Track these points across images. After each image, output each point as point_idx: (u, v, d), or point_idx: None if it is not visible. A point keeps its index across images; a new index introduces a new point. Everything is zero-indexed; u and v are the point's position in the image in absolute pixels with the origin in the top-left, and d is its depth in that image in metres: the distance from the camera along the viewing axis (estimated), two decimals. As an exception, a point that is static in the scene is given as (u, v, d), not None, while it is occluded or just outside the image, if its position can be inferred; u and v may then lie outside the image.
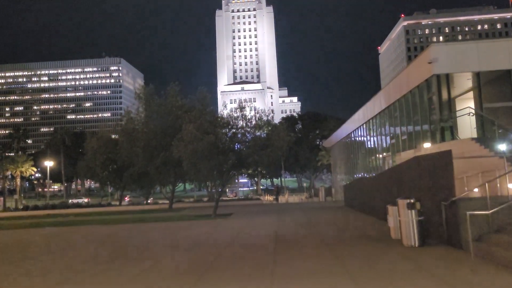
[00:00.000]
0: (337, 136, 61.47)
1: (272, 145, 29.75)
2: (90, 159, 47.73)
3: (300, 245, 14.73)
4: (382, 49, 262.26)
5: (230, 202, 49.27)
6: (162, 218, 30.09)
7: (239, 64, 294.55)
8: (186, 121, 30.78)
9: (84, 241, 19.72)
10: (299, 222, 23.51)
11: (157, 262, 12.71)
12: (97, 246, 17.48)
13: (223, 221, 25.85)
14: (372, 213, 23.36)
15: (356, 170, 49.71)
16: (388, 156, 36.42)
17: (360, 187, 27.62)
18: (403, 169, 17.17)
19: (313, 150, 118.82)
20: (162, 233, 21.21)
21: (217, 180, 30.75)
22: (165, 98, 39.86)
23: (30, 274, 11.82)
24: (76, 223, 29.68)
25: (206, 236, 18.96)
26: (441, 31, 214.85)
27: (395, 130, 34.22)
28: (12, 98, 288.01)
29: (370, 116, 41.20)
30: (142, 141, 37.74)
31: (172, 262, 12.72)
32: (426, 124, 27.17)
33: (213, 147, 28.15)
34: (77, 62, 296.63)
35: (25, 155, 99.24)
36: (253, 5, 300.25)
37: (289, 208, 35.96)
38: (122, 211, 43.17)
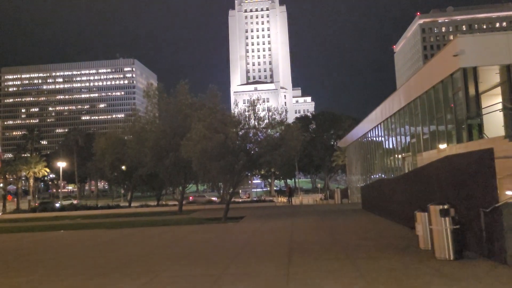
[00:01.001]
0: (353, 136, 59.73)
1: (285, 145, 28.19)
2: (99, 159, 46.71)
3: (317, 256, 13.14)
4: (398, 48, 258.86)
5: (242, 204, 47.76)
6: (170, 221, 28.71)
7: (252, 64, 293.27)
8: (195, 120, 29.38)
9: (83, 248, 18.39)
10: (314, 227, 21.92)
11: (155, 276, 11.25)
12: (95, 255, 16.11)
13: (234, 226, 24.36)
14: (393, 218, 21.65)
15: (373, 171, 47.97)
16: (408, 156, 34.68)
17: (380, 189, 25.89)
18: (430, 170, 15.47)
19: (327, 151, 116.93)
20: (167, 239, 19.79)
21: (227, 182, 29.24)
22: (174, 96, 38.52)
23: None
24: (80, 227, 28.47)
25: (213, 244, 17.47)
26: (458, 29, 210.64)
27: (415, 129, 32.48)
28: (28, 100, 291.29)
29: (388, 114, 39.56)
30: (151, 141, 36.46)
31: (170, 278, 11.20)
32: (451, 122, 25.43)
33: (223, 147, 26.69)
34: (92, 63, 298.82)
35: (38, 156, 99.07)
36: (266, 5, 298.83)
37: (303, 211, 34.32)
38: (130, 213, 41.98)
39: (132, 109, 48.06)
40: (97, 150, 47.07)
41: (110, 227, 27.01)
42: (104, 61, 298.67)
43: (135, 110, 44.43)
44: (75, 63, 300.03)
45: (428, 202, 15.83)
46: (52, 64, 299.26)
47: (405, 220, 19.14)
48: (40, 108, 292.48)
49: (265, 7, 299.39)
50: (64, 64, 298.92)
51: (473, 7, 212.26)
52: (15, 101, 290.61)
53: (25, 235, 24.81)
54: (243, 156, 26.41)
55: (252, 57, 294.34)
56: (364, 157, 52.78)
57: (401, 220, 19.83)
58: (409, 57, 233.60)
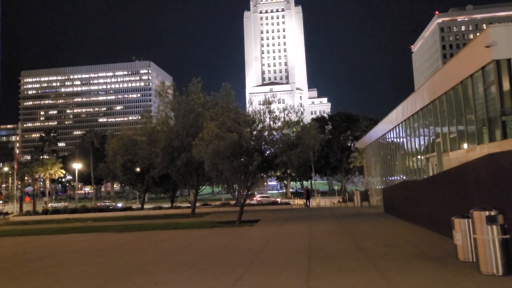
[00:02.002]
0: (371, 137, 57.92)
1: (302, 144, 26.65)
2: (111, 160, 45.74)
3: (340, 266, 11.64)
4: (415, 48, 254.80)
5: (257, 206, 46.27)
6: (181, 224, 27.38)
7: (267, 65, 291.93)
8: (207, 119, 28.03)
9: (87, 253, 17.16)
10: (335, 232, 20.36)
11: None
12: (100, 261, 14.85)
13: (248, 230, 22.91)
14: (420, 223, 19.97)
15: (394, 173, 46.17)
16: (432, 157, 32.91)
17: (404, 192, 24.19)
18: (467, 171, 13.81)
19: (344, 152, 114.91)
20: (176, 245, 18.46)
21: (241, 183, 27.79)
22: (186, 95, 37.25)
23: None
24: (90, 230, 27.34)
25: (225, 250, 16.06)
26: (478, 27, 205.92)
27: (441, 127, 30.67)
28: (46, 102, 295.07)
29: (410, 113, 37.84)
30: (162, 141, 35.27)
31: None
32: (482, 119, 23.65)
33: (237, 147, 25.26)
34: (108, 66, 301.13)
35: (53, 157, 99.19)
36: (281, 6, 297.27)
37: (321, 214, 32.71)
38: (143, 215, 40.84)
39: (144, 109, 46.41)
40: (109, 151, 46.12)
41: (120, 230, 25.85)
42: (121, 63, 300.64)
43: (147, 109, 43.28)
44: (93, 66, 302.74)
45: (463, 206, 14.21)
46: (70, 67, 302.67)
47: (435, 225, 17.48)
48: (58, 111, 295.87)
49: (280, 8, 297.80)
50: (82, 67, 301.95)
51: (493, 5, 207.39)
52: (34, 104, 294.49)
53: (33, 239, 23.78)
54: (258, 156, 24.93)
55: (267, 58, 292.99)
56: (384, 158, 50.98)
57: (430, 225, 18.18)
58: (428, 57, 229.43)
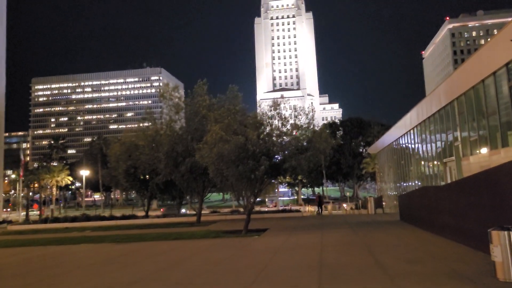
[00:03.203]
0: (384, 142, 56.01)
1: (313, 148, 24.87)
2: (113, 166, 44.16)
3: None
4: (426, 54, 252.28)
5: (266, 214, 44.39)
6: (184, 235, 25.62)
7: (278, 71, 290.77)
8: (211, 121, 26.39)
9: (72, 269, 15.54)
10: (348, 243, 18.51)
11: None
12: (80, 280, 13.21)
13: (254, 241, 21.13)
14: (442, 233, 18.06)
15: (409, 178, 44.22)
16: (450, 161, 31.00)
17: (423, 199, 22.27)
18: (502, 175, 11.95)
19: (356, 158, 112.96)
20: (173, 258, 16.77)
21: (247, 190, 26.00)
22: (192, 97, 35.66)
23: None
24: (86, 240, 25.71)
25: (225, 266, 14.29)
26: (489, 33, 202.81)
27: (460, 130, 28.77)
28: (57, 109, 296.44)
29: (425, 116, 36.01)
30: (165, 146, 33.65)
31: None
32: (507, 120, 21.77)
33: (243, 150, 23.54)
34: (119, 73, 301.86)
35: (61, 164, 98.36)
36: (292, 12, 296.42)
37: (333, 223, 30.79)
38: (146, 224, 39.11)
39: (146, 112, 44.37)
40: (111, 157, 44.57)
41: (117, 241, 24.19)
42: (132, 70, 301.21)
43: (149, 112, 41.73)
44: (103, 72, 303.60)
45: (497, 216, 12.38)
46: (81, 74, 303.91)
47: (461, 237, 15.59)
48: (69, 118, 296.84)
49: (291, 14, 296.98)
50: (93, 74, 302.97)
51: (504, 11, 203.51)
52: (45, 111, 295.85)
53: (20, 251, 22.24)
54: (265, 160, 23.18)
55: (278, 64, 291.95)
56: (398, 163, 49.06)
57: (455, 236, 16.28)
58: (439, 63, 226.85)
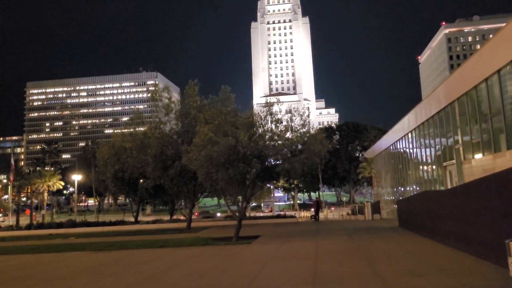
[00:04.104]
0: (381, 146, 54.76)
1: (307, 150, 23.52)
2: (102, 170, 42.51)
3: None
4: (423, 58, 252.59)
5: (260, 220, 42.88)
6: (170, 242, 24.13)
7: (275, 76, 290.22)
8: (201, 122, 25.02)
9: (39, 282, 14.10)
10: (345, 251, 17.13)
11: None
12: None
13: (243, 249, 19.71)
14: (445, 241, 16.71)
15: (407, 183, 42.93)
16: (450, 165, 29.71)
17: (425, 204, 20.94)
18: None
19: (352, 162, 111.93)
20: (153, 269, 15.30)
21: (238, 194, 24.58)
22: (182, 98, 34.25)
23: None
24: (66, 248, 24.18)
25: (208, 279, 12.83)
26: (485, 38, 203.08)
27: (461, 132, 27.50)
28: (52, 114, 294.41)
29: (424, 118, 34.74)
30: (154, 148, 32.19)
31: None
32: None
33: (233, 153, 22.16)
34: (115, 77, 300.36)
35: (52, 169, 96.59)
36: (288, 17, 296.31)
37: (329, 229, 29.40)
38: (134, 230, 37.50)
39: (135, 113, 43.00)
40: (99, 160, 42.95)
41: (99, 249, 22.71)
42: (127, 74, 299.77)
43: (138, 113, 40.29)
44: (99, 77, 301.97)
45: (509, 223, 11.09)
46: (76, 78, 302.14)
47: (467, 246, 14.24)
48: (64, 122, 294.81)
49: (287, 19, 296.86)
50: (88, 78, 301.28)
51: (499, 16, 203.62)
52: (40, 115, 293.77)
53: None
54: (256, 163, 21.78)
55: (275, 69, 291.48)
56: (395, 168, 47.78)
57: (461, 245, 14.93)
58: (435, 68, 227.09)
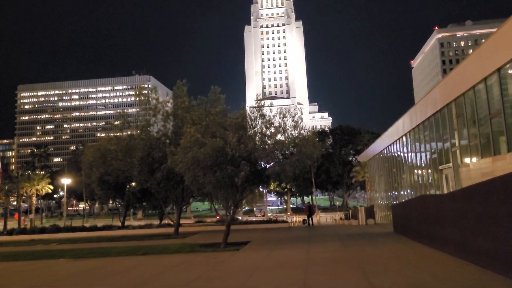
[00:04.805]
0: (375, 149, 53.90)
1: (299, 153, 22.45)
2: (87, 174, 41.09)
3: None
4: (415, 63, 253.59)
5: (250, 225, 41.73)
6: (155, 248, 22.88)
7: (268, 80, 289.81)
8: (188, 123, 23.90)
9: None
10: (337, 260, 16.00)
11: None
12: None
13: (231, 256, 18.55)
14: (445, 249, 15.67)
15: (401, 187, 42.08)
16: (447, 169, 28.85)
17: (422, 210, 19.92)
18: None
19: (346, 166, 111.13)
20: (129, 281, 14.10)
21: (227, 199, 23.42)
22: (169, 99, 33.10)
23: None
24: (41, 255, 22.82)
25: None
26: (478, 43, 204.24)
27: (458, 134, 26.63)
28: (43, 117, 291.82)
29: (419, 121, 33.93)
30: (139, 151, 30.97)
31: None
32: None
33: (220, 155, 21.04)
34: (107, 80, 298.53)
35: (41, 173, 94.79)
36: (282, 21, 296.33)
37: (322, 235, 28.31)
38: (119, 236, 36.17)
39: (120, 114, 41.27)
40: (84, 164, 41.50)
41: (78, 256, 21.43)
42: (120, 78, 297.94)
43: (123, 114, 39.04)
44: (91, 80, 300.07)
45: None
46: (68, 81, 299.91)
47: (470, 255, 13.17)
48: (55, 126, 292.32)
49: (281, 23, 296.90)
50: (80, 81, 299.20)
51: (491, 21, 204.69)
52: (31, 119, 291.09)
53: None
54: (245, 166, 20.66)
55: (268, 73, 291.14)
56: (389, 171, 46.90)
57: (463, 254, 13.88)
58: (428, 72, 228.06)
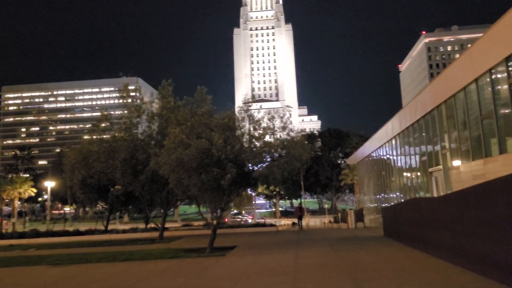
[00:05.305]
0: (364, 152, 53.43)
1: (287, 155, 21.70)
2: (68, 176, 39.79)
3: None
4: (403, 67, 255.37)
5: (238, 228, 40.75)
6: (137, 254, 21.90)
7: (257, 83, 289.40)
8: (173, 123, 23.02)
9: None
10: (328, 267, 15.24)
11: None
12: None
13: (216, 262, 17.71)
14: (438, 254, 15.03)
15: (390, 190, 41.57)
16: (437, 171, 28.33)
17: (414, 213, 19.28)
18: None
19: (334, 169, 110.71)
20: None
21: (212, 203, 22.54)
22: (153, 99, 32.18)
23: None
24: (18, 262, 21.68)
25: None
26: (464, 47, 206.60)
27: (448, 136, 26.11)
28: (28, 119, 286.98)
29: (408, 123, 33.44)
30: (122, 152, 29.93)
31: None
32: (507, 122, 19.12)
33: (206, 156, 20.18)
34: (94, 82, 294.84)
35: (23, 176, 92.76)
36: (271, 23, 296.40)
37: (310, 239, 27.56)
38: (102, 240, 34.97)
39: (102, 114, 40.19)
40: (66, 166, 40.25)
41: (56, 263, 20.38)
42: (107, 79, 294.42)
43: (104, 114, 37.95)
44: (78, 81, 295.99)
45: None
46: (54, 82, 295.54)
47: (465, 260, 12.51)
48: (40, 127, 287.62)
49: (270, 26, 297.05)
50: (66, 83, 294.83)
51: (477, 26, 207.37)
52: (15, 120, 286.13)
53: None
54: (232, 168, 19.83)
55: (257, 76, 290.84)
56: (378, 174, 46.40)
57: (456, 259, 13.21)
58: (415, 76, 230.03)
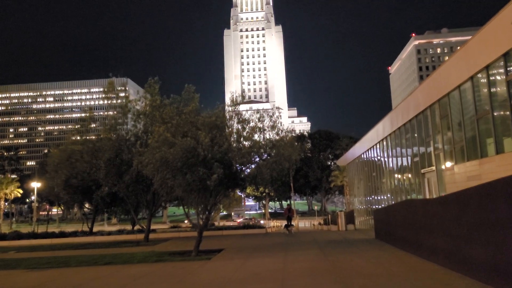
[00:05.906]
0: (354, 153, 53.01)
1: (277, 154, 20.98)
2: (52, 177, 38.71)
3: None
4: (393, 69, 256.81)
5: (225, 230, 40.04)
6: (119, 258, 20.99)
7: (247, 84, 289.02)
8: (158, 122, 22.20)
9: None
10: (318, 272, 14.49)
11: None
12: None
13: (201, 267, 16.90)
14: (433, 258, 14.40)
15: (381, 191, 41.13)
16: (429, 172, 27.89)
17: (407, 215, 18.63)
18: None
19: (324, 171, 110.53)
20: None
21: (199, 204, 21.71)
22: (140, 97, 31.34)
23: None
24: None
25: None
26: (453, 50, 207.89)
27: (442, 136, 25.63)
28: (16, 119, 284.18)
29: (400, 123, 33.07)
30: (106, 152, 29.04)
31: None
32: (503, 120, 18.64)
33: (191, 156, 19.36)
34: (83, 82, 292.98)
35: (10, 176, 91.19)
36: (261, 25, 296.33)
37: (300, 242, 26.83)
38: (85, 243, 33.99)
39: (87, 113, 39.39)
40: (49, 166, 39.20)
41: (34, 266, 19.46)
42: (97, 80, 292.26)
43: (90, 113, 37.11)
44: (67, 82, 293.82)
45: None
46: (43, 83, 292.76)
47: (462, 265, 11.87)
48: (29, 128, 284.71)
49: (260, 27, 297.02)
50: (55, 83, 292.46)
51: (467, 29, 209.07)
52: (3, 121, 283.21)
53: None
54: (218, 168, 19.02)
55: (247, 77, 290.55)
56: (369, 176, 45.95)
57: (453, 264, 12.57)
58: (405, 78, 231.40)
